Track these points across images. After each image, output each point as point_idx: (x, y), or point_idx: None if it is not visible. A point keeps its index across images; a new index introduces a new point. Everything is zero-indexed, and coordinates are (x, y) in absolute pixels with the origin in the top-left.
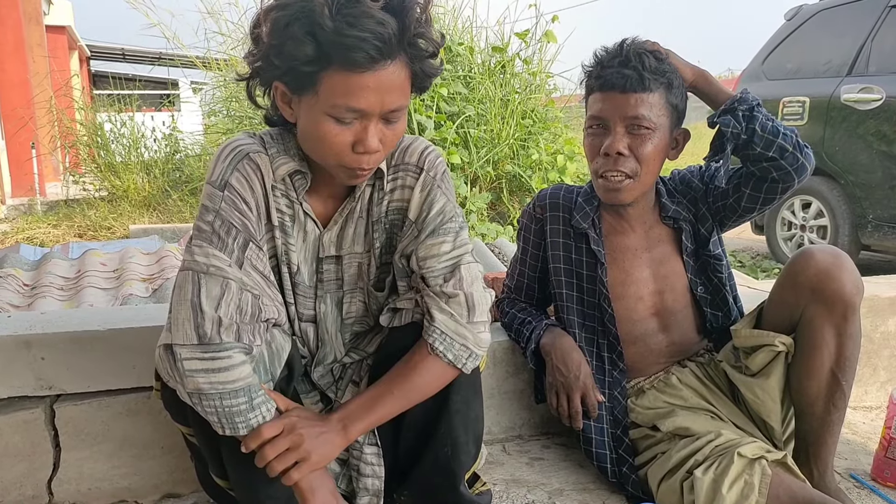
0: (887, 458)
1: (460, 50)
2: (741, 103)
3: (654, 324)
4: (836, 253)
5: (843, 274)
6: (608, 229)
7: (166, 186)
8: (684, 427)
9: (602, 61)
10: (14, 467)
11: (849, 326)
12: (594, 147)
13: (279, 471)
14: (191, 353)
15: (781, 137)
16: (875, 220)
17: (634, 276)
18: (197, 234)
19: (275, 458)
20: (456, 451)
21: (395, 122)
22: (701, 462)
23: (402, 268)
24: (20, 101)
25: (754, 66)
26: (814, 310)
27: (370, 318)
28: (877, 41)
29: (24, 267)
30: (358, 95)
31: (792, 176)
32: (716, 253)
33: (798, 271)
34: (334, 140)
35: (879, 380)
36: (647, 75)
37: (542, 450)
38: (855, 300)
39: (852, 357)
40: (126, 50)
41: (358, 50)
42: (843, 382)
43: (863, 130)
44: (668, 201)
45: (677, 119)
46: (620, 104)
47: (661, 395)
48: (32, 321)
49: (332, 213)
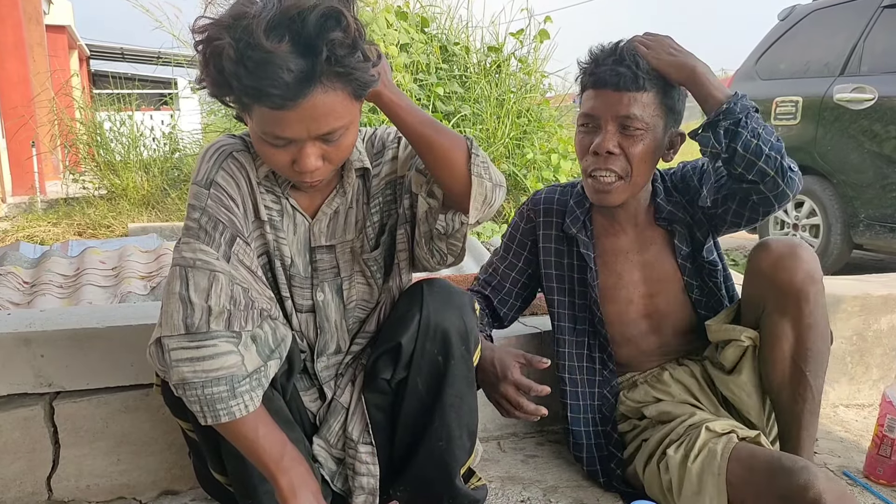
0: (880, 456)
1: (456, 50)
2: (727, 116)
3: (645, 325)
4: (792, 243)
5: (795, 263)
6: (599, 231)
7: (165, 185)
8: (666, 411)
9: (597, 58)
10: (13, 464)
11: (805, 316)
12: (584, 145)
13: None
14: (178, 342)
15: (763, 160)
16: (867, 219)
17: (625, 280)
18: (185, 232)
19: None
20: (450, 445)
21: (337, 140)
22: (674, 441)
23: (407, 209)
24: (20, 100)
25: (747, 66)
26: (771, 301)
27: (372, 297)
28: (869, 41)
29: (23, 265)
30: (283, 126)
31: (771, 202)
32: (710, 259)
33: (755, 263)
34: (274, 159)
35: (872, 378)
36: (641, 74)
37: (536, 447)
38: (807, 289)
39: (815, 348)
40: (125, 49)
41: (263, 97)
42: (806, 373)
43: (855, 130)
44: (663, 202)
45: (673, 121)
46: (613, 102)
47: (652, 391)
48: (32, 318)
49: (319, 205)
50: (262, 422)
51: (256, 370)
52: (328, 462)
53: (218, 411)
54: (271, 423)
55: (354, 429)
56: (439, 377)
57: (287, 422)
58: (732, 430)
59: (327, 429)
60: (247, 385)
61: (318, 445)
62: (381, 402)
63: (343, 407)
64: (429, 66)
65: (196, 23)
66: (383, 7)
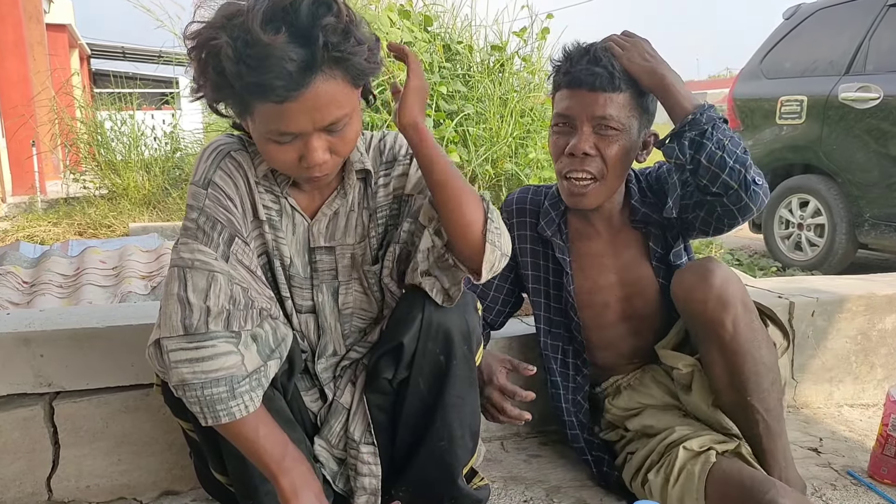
0: (884, 456)
1: (459, 48)
2: (692, 127)
3: (623, 329)
4: (702, 268)
5: (705, 292)
6: (574, 234)
7: (166, 185)
8: (649, 425)
9: (572, 57)
10: (13, 464)
11: (727, 344)
12: (559, 146)
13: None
14: (177, 344)
15: (727, 173)
16: (872, 218)
17: (601, 284)
18: (183, 232)
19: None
20: (452, 445)
21: (341, 130)
22: (656, 462)
23: (406, 232)
24: (21, 100)
25: (752, 64)
26: (693, 330)
27: (371, 308)
28: (875, 40)
29: (23, 264)
30: (287, 121)
31: (735, 215)
32: (678, 263)
33: (672, 293)
34: (280, 158)
35: (876, 377)
36: (617, 75)
37: (539, 447)
38: (720, 317)
39: (748, 371)
40: (126, 48)
41: (268, 90)
42: (748, 398)
43: (860, 129)
44: (637, 203)
45: (647, 121)
46: (588, 103)
47: (635, 395)
48: (31, 318)
49: (318, 206)
50: (262, 422)
51: (256, 370)
52: (329, 462)
53: (218, 412)
54: (272, 423)
55: (356, 429)
56: (441, 377)
57: (288, 422)
58: (710, 448)
59: (328, 429)
60: (246, 385)
61: (320, 446)
62: (382, 403)
63: (344, 408)
64: (432, 64)
65: (187, 29)
66: (386, 6)
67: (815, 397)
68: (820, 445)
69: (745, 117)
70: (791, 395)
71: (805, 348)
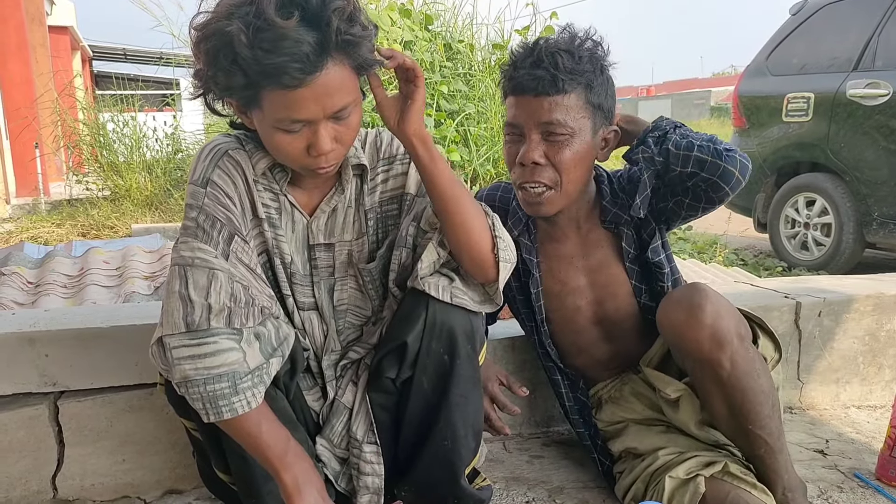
0: (892, 458)
1: (460, 47)
2: (653, 131)
3: (596, 333)
4: (690, 302)
5: (697, 331)
6: (543, 236)
7: (168, 186)
8: (632, 447)
9: (515, 62)
10: (18, 463)
11: (725, 380)
12: (511, 155)
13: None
14: (179, 341)
15: (697, 150)
16: (880, 217)
17: (570, 286)
18: (183, 231)
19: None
20: (455, 445)
21: (347, 118)
22: (642, 491)
23: (411, 236)
24: (24, 102)
25: (758, 61)
26: (687, 364)
27: (366, 305)
28: (884, 36)
29: (27, 265)
30: (298, 108)
31: (719, 185)
32: (656, 260)
33: (659, 322)
34: (288, 148)
35: (885, 378)
36: (560, 76)
37: (542, 448)
38: (716, 356)
39: (749, 402)
40: (127, 50)
41: (282, 74)
42: (749, 427)
43: (869, 126)
44: (608, 204)
45: (603, 118)
46: (534, 109)
47: (617, 410)
48: (36, 318)
49: (317, 203)
50: (264, 418)
51: (258, 367)
52: (332, 462)
53: (220, 408)
54: (274, 419)
55: (359, 428)
56: (445, 376)
57: (290, 421)
58: (697, 474)
59: (330, 429)
60: (249, 381)
61: (322, 445)
62: (385, 402)
63: (346, 407)
64: (433, 63)
65: (195, 20)
66: (387, 4)
67: (821, 398)
68: (826, 447)
69: (751, 115)
70: (797, 396)
71: (812, 349)
